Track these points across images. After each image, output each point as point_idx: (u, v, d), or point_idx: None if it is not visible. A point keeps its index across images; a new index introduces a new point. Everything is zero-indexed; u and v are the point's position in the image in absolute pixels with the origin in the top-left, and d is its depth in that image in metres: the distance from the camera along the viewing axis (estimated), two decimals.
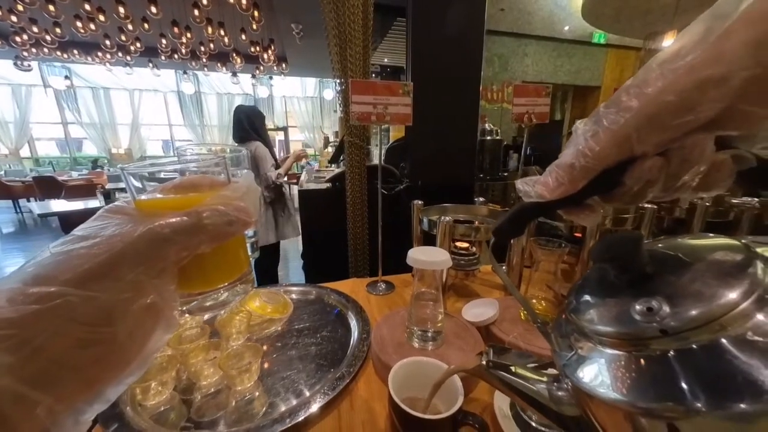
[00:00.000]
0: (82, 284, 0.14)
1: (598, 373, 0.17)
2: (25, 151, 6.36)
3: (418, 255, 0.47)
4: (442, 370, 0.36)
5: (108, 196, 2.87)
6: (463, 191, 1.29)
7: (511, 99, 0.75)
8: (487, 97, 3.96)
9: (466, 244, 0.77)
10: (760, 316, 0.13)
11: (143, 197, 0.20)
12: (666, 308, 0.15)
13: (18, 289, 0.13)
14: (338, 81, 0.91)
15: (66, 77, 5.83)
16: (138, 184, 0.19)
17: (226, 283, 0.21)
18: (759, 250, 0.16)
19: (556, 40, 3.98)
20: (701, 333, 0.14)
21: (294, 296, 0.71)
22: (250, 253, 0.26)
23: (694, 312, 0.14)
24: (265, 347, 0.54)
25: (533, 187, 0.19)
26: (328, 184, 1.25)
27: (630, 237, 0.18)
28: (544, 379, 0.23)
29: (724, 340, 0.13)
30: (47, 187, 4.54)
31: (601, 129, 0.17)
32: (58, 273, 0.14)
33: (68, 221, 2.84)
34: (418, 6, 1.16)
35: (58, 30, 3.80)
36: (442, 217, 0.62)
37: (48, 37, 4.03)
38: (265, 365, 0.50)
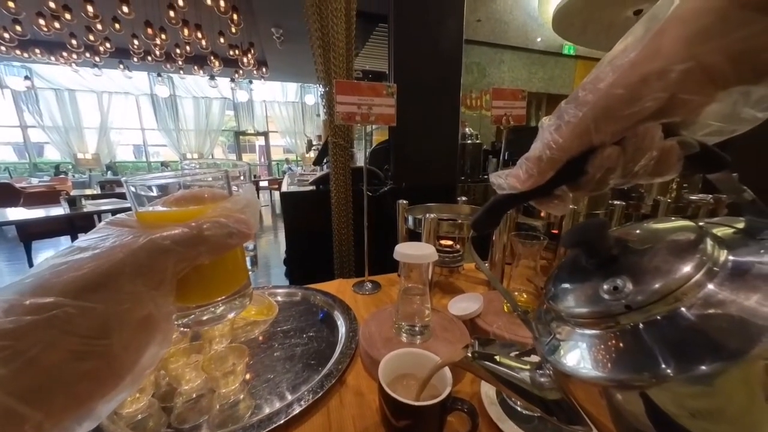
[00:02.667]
0: (79, 294, 0.13)
1: (575, 354, 0.18)
2: None
3: (405, 249, 0.48)
4: (430, 360, 0.37)
5: (73, 203, 2.69)
6: (446, 192, 1.32)
7: (489, 106, 0.79)
8: (467, 104, 4.09)
9: (450, 242, 0.79)
10: (710, 286, 0.15)
11: (145, 209, 0.20)
12: (630, 285, 0.17)
13: (15, 300, 0.13)
14: (322, 84, 0.92)
15: (26, 77, 5.47)
16: (140, 197, 0.20)
17: (224, 296, 0.21)
18: (712, 229, 0.18)
19: (530, 51, 4.19)
20: (662, 305, 0.15)
21: (279, 298, 0.69)
22: (249, 267, 0.25)
23: (654, 287, 0.16)
24: (249, 350, 0.52)
25: (506, 179, 0.21)
26: (312, 187, 1.24)
27: (596, 222, 0.19)
28: (527, 366, 0.24)
29: (682, 309, 0.15)
30: (3, 194, 4.20)
31: (563, 123, 0.18)
32: (56, 283, 0.14)
33: (27, 230, 2.63)
34: (400, 14, 1.19)
35: (18, 28, 3.57)
36: (427, 215, 0.63)
37: (6, 35, 3.79)
38: (250, 368, 0.49)
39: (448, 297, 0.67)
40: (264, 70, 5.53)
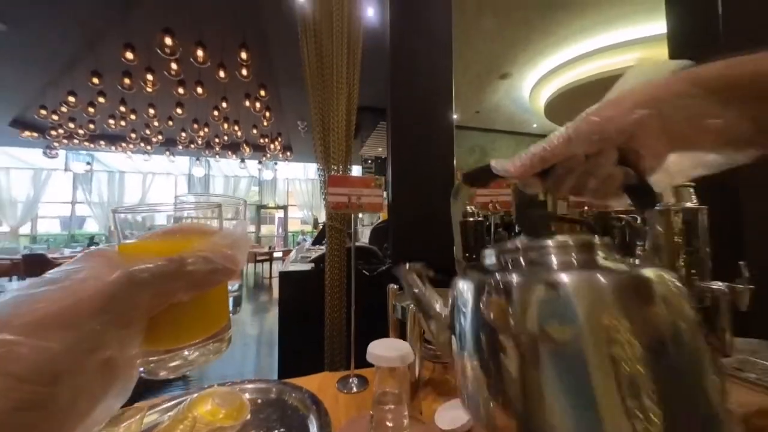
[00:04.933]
0: (36, 331, 0.12)
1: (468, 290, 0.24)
2: (25, 228, 6.46)
3: (377, 350, 0.44)
4: None
5: None
6: (444, 273, 1.28)
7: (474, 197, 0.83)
8: None
9: None
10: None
11: (127, 241, 0.19)
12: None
13: None
14: (321, 172, 1.02)
15: (88, 163, 6.37)
16: (127, 229, 0.19)
17: (199, 340, 0.19)
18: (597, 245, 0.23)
19: (526, 134, 4.61)
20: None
21: (250, 395, 0.63)
22: (230, 308, 0.24)
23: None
24: None
25: (502, 165, 0.27)
26: (312, 265, 1.25)
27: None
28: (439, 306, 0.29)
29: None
30: (35, 264, 4.46)
31: (559, 134, 0.25)
32: (12, 318, 0.12)
33: None
34: (396, 109, 1.38)
35: (91, 126, 4.34)
36: (411, 305, 0.61)
37: (81, 131, 4.58)
38: None
39: (442, 399, 0.59)
40: (288, 153, 6.23)
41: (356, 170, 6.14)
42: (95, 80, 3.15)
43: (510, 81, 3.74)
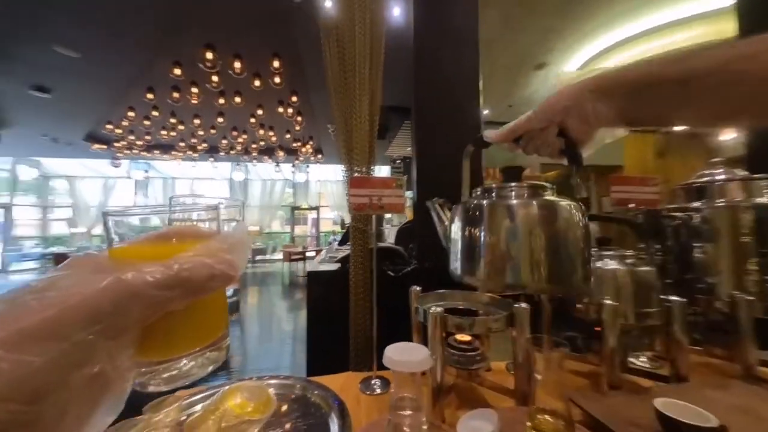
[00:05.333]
0: (17, 345, 0.11)
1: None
2: (97, 230, 7.38)
3: (394, 354, 0.43)
4: None
5: None
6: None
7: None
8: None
9: (468, 338, 0.70)
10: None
11: (118, 245, 0.18)
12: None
13: None
14: (346, 174, 1.03)
15: (145, 171, 7.12)
16: (121, 232, 0.18)
17: (196, 349, 0.18)
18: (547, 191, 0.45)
19: None
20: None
21: (277, 391, 0.65)
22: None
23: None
24: None
25: (490, 134, 0.45)
26: (338, 265, 1.27)
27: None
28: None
29: None
30: None
31: (524, 115, 0.42)
32: None
33: None
34: (420, 107, 1.36)
35: (147, 137, 4.84)
36: (432, 308, 0.59)
37: (139, 142, 5.12)
38: None
39: (466, 407, 0.57)
40: (319, 156, 6.43)
41: (385, 171, 6.16)
42: (150, 95, 3.50)
43: (545, 72, 3.51)
